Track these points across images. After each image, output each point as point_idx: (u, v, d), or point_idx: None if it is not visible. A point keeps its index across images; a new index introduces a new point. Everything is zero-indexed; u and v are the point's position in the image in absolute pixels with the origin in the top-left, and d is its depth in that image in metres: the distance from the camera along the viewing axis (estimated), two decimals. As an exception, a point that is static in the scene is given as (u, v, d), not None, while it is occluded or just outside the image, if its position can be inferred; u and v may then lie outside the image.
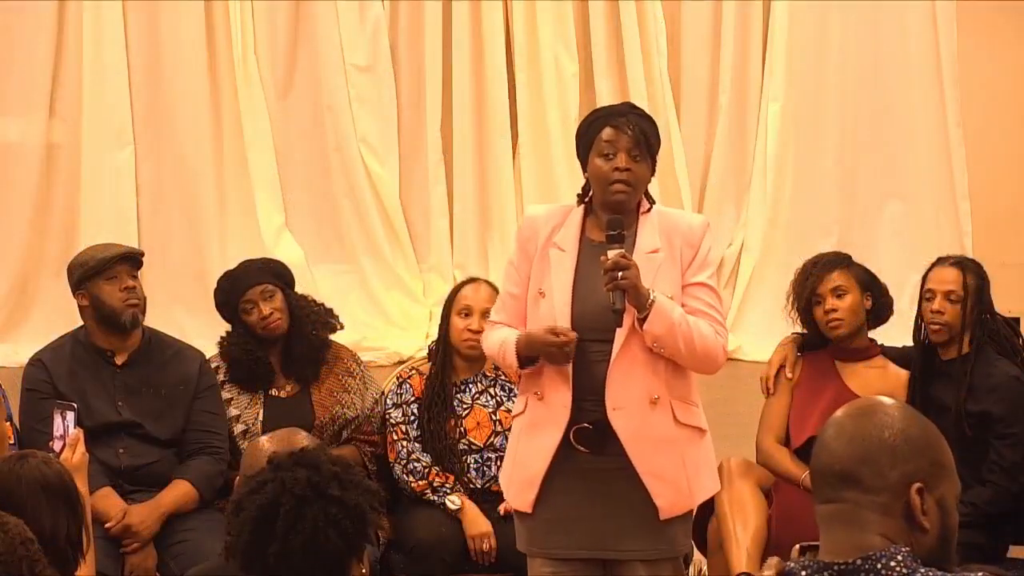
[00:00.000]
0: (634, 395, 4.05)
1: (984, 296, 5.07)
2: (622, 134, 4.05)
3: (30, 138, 8.29)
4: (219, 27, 8.36)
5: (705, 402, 4.36)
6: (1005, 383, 4.98)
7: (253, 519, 2.59)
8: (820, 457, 2.41)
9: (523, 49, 8.45)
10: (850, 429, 2.40)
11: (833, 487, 2.38)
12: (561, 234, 4.12)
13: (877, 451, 2.39)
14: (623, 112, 4.12)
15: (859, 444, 2.38)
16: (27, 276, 8.29)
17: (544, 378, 4.10)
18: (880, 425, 2.40)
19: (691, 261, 4.10)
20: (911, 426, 2.42)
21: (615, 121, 4.07)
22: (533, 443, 4.13)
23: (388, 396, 5.41)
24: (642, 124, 4.09)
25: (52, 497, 3.18)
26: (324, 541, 2.56)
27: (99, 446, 5.00)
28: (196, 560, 4.66)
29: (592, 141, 4.08)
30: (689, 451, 4.13)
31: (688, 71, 8.67)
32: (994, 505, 4.93)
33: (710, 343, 4.07)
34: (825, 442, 2.40)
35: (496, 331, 4.17)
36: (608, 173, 4.04)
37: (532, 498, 4.12)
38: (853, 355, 5.18)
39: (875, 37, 8.61)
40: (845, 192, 8.64)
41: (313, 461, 2.65)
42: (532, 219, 4.21)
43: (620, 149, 4.04)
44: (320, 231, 8.54)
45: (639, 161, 4.06)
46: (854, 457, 2.38)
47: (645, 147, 4.07)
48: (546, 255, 4.11)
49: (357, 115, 8.39)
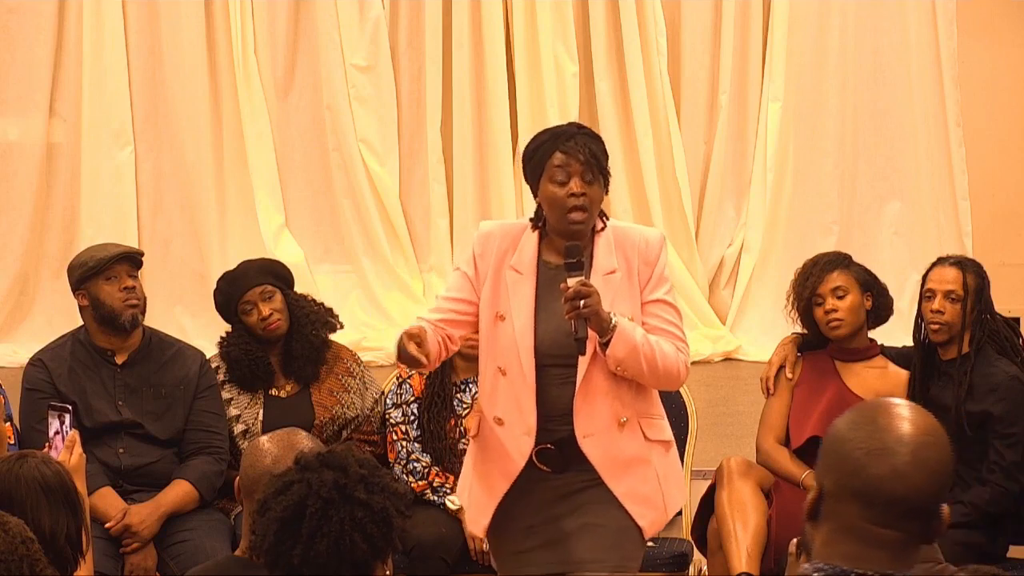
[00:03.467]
0: (602, 420, 4.02)
1: (984, 296, 5.07)
2: (573, 158, 3.98)
3: (30, 138, 8.29)
4: (219, 27, 8.36)
5: (705, 402, 4.38)
6: (1005, 383, 4.98)
7: (279, 520, 2.59)
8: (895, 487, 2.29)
9: (523, 49, 8.44)
10: (933, 462, 2.32)
11: (901, 517, 2.31)
12: (517, 257, 4.06)
13: (947, 487, 2.35)
14: (571, 134, 4.03)
15: (938, 480, 2.32)
16: (27, 276, 8.29)
17: (504, 403, 4.06)
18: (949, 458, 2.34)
19: (648, 278, 4.06)
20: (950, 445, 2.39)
21: (564, 145, 3.99)
22: (492, 469, 4.11)
23: (388, 396, 5.41)
24: (591, 145, 4.01)
25: (51, 497, 3.18)
26: (349, 544, 2.56)
27: (99, 446, 5.00)
28: (196, 560, 4.67)
29: (542, 166, 4.01)
30: (661, 467, 4.11)
31: (688, 71, 8.66)
32: (994, 505, 4.93)
33: (671, 362, 4.02)
34: (902, 471, 2.30)
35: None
36: (563, 199, 3.97)
37: (486, 523, 4.12)
38: (853, 355, 5.18)
39: (875, 37, 8.60)
40: (845, 192, 8.63)
41: (341, 463, 2.64)
42: (487, 235, 4.13)
43: (573, 174, 3.97)
44: (320, 231, 8.53)
45: (592, 184, 3.99)
46: (933, 494, 2.32)
47: (597, 168, 4.00)
48: (501, 277, 4.06)
49: (357, 115, 8.38)
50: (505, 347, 4.03)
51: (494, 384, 4.07)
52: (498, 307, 4.06)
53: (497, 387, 4.06)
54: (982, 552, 4.84)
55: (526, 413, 4.02)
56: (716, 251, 8.68)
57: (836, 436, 2.37)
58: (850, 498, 2.32)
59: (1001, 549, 5.05)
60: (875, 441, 2.32)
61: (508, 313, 4.04)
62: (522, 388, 4.02)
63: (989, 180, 8.66)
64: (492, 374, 4.07)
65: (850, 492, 2.32)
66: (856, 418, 2.37)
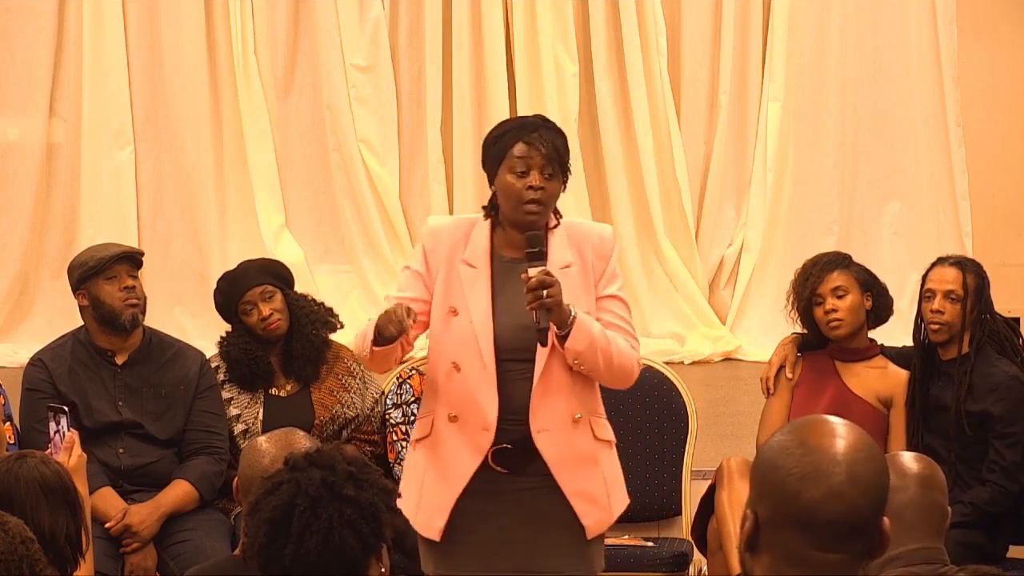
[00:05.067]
0: (558, 415, 3.98)
1: (984, 296, 5.07)
2: (535, 151, 3.94)
3: (30, 138, 8.29)
4: (219, 27, 8.36)
5: (705, 402, 4.38)
6: (1005, 383, 4.98)
7: (268, 520, 2.59)
8: (833, 509, 2.23)
9: (523, 49, 8.44)
10: (868, 478, 2.25)
11: (842, 538, 2.25)
12: (470, 250, 4.01)
13: (884, 499, 2.28)
14: (536, 126, 3.99)
15: (875, 495, 2.26)
16: (27, 276, 8.29)
17: (459, 398, 3.99)
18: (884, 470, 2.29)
19: (603, 273, 4.04)
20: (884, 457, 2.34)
21: (528, 137, 3.96)
22: (448, 467, 4.02)
23: (388, 396, 5.41)
24: (555, 140, 3.98)
25: (51, 497, 3.18)
26: (339, 541, 2.56)
27: (99, 446, 5.00)
28: (196, 560, 4.67)
29: (502, 155, 3.97)
30: (607, 467, 4.08)
31: (688, 71, 8.66)
32: (994, 505, 4.93)
33: (626, 358, 4.00)
34: (838, 492, 2.23)
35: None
36: (521, 191, 3.93)
37: (442, 525, 4.03)
38: (853, 355, 5.18)
39: (875, 37, 8.61)
40: (845, 192, 8.63)
41: (328, 461, 2.64)
42: (436, 230, 4.08)
43: (533, 167, 3.94)
44: (320, 231, 8.53)
45: (551, 179, 3.96)
46: (872, 509, 2.25)
47: (558, 164, 3.97)
48: (454, 271, 4.01)
49: (357, 115, 8.39)
50: (460, 342, 3.97)
51: (447, 380, 4.00)
52: (451, 301, 4.00)
53: (451, 383, 4.00)
54: (982, 552, 4.84)
55: (486, 408, 3.96)
56: (716, 251, 8.68)
57: (767, 463, 2.31)
58: (788, 525, 2.25)
59: (1001, 549, 5.05)
60: (806, 464, 2.26)
61: (463, 307, 3.99)
62: (480, 383, 3.96)
63: (989, 180, 8.66)
64: (445, 370, 4.01)
65: (788, 519, 2.26)
66: (785, 442, 2.31)
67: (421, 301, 4.02)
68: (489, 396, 3.96)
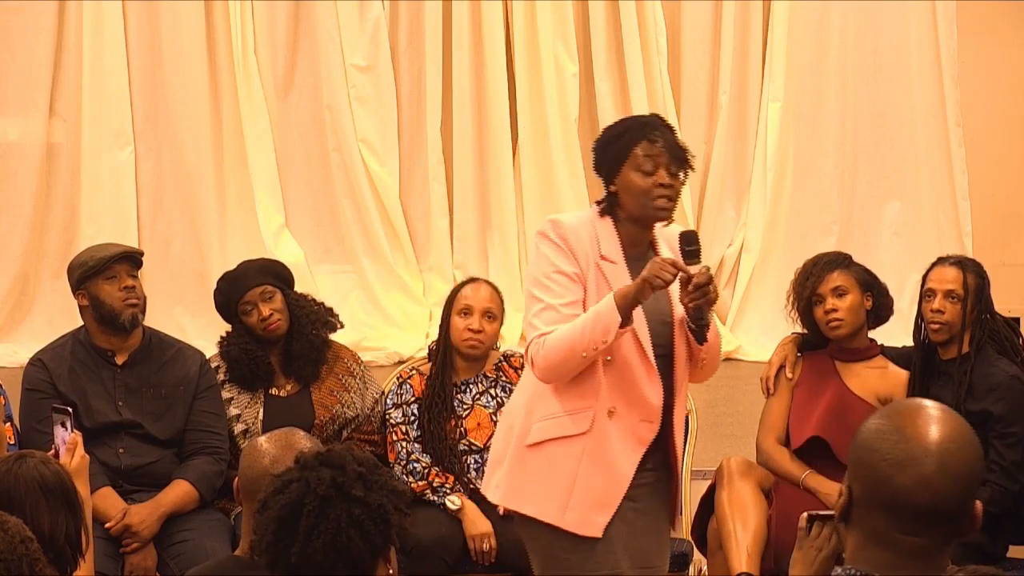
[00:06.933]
0: (681, 409, 4.10)
1: (984, 296, 5.07)
2: (660, 149, 3.97)
3: (30, 138, 8.29)
4: (219, 27, 8.36)
5: (705, 402, 4.40)
6: (1005, 383, 4.98)
7: (277, 518, 2.60)
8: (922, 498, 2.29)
9: (523, 49, 8.45)
10: (959, 469, 2.31)
11: (929, 525, 2.31)
12: (604, 246, 4.01)
13: (976, 489, 2.34)
14: (655, 125, 4.02)
15: (965, 486, 2.32)
16: (27, 276, 8.29)
17: (616, 393, 3.99)
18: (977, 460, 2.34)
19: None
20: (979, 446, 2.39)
21: (651, 135, 3.98)
22: (611, 462, 3.99)
23: (388, 396, 5.41)
24: (674, 137, 4.03)
25: (51, 497, 3.18)
26: (346, 542, 2.57)
27: (99, 446, 5.00)
28: (196, 560, 4.67)
29: (624, 155, 3.98)
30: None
31: (688, 71, 8.66)
32: (994, 505, 4.92)
33: (719, 353, 4.16)
34: (928, 482, 2.30)
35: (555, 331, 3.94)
36: (650, 189, 3.95)
37: (606, 521, 3.98)
38: (853, 355, 5.18)
39: (875, 37, 8.61)
40: (845, 192, 8.63)
41: (339, 461, 2.65)
42: (574, 227, 4.02)
43: (660, 164, 3.96)
44: (320, 231, 8.53)
45: (677, 176, 3.99)
46: (961, 498, 2.32)
47: (682, 160, 4.01)
48: (597, 268, 4.00)
49: (357, 115, 8.39)
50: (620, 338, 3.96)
51: (603, 375, 3.98)
52: (601, 297, 3.96)
53: (608, 377, 3.98)
54: (982, 552, 4.84)
55: (650, 399, 3.98)
56: (716, 251, 8.68)
57: (863, 444, 2.37)
58: (877, 507, 2.33)
59: (1001, 549, 5.05)
60: (900, 452, 2.32)
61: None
62: (641, 375, 3.97)
63: (989, 180, 8.66)
64: (595, 366, 3.97)
65: (877, 502, 2.33)
66: (882, 426, 2.36)
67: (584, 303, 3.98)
68: (653, 388, 3.99)
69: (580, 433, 3.98)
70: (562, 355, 3.90)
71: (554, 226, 4.03)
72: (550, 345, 3.91)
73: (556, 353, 3.91)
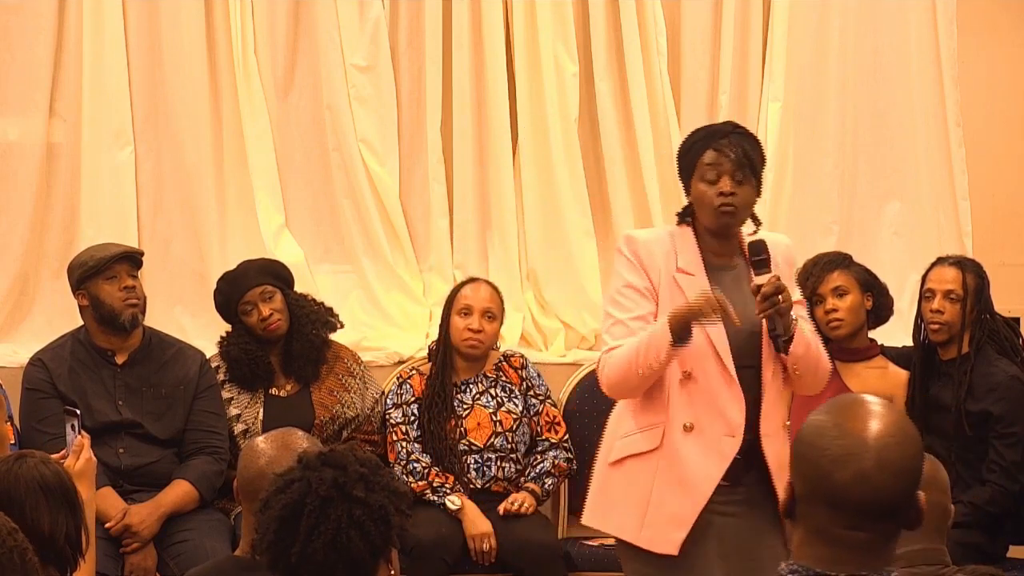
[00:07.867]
0: (777, 421, 4.03)
1: (984, 296, 5.07)
2: (724, 157, 3.96)
3: (30, 138, 8.26)
4: (219, 27, 8.34)
5: (705, 402, 4.36)
6: (1005, 383, 4.98)
7: (278, 518, 2.60)
8: (862, 492, 2.30)
9: (523, 49, 8.43)
10: (898, 462, 2.32)
11: (870, 519, 2.33)
12: (682, 259, 4.00)
13: (917, 482, 2.35)
14: (724, 133, 4.02)
15: (905, 479, 2.33)
16: (27, 276, 8.26)
17: (696, 408, 3.95)
18: (916, 453, 2.35)
19: (789, 279, 4.05)
20: (919, 440, 2.39)
21: (717, 143, 3.98)
22: (688, 477, 3.94)
23: (388, 396, 5.41)
24: (744, 144, 3.99)
25: (51, 497, 3.18)
26: (346, 542, 2.57)
27: (99, 446, 5.00)
28: (196, 560, 4.67)
29: (694, 164, 3.99)
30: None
31: (688, 71, 8.65)
32: (994, 505, 4.93)
33: (826, 361, 4.06)
34: (867, 475, 2.31)
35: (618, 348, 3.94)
36: (712, 198, 3.96)
37: (682, 538, 3.94)
38: (853, 355, 5.18)
39: (875, 37, 8.60)
40: (845, 192, 8.62)
41: (341, 461, 2.65)
42: (647, 242, 4.03)
43: (723, 173, 3.95)
44: (320, 231, 8.51)
45: (743, 184, 3.97)
46: (902, 492, 2.33)
47: (749, 169, 3.97)
48: (672, 281, 3.98)
49: (357, 115, 8.37)
50: (691, 349, 3.92)
51: (681, 390, 3.95)
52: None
53: (685, 392, 3.95)
54: (982, 552, 4.84)
55: (731, 414, 3.94)
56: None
57: (804, 440, 2.39)
58: (820, 503, 2.34)
59: (1001, 549, 5.05)
60: (838, 447, 2.33)
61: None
62: (722, 389, 3.93)
63: (989, 180, 8.65)
64: (677, 380, 3.96)
65: (819, 497, 2.35)
66: (823, 422, 2.38)
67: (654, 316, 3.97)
68: (734, 402, 3.95)
69: (651, 450, 3.98)
70: (621, 373, 3.93)
71: (628, 242, 4.05)
72: (611, 363, 3.95)
73: (615, 371, 3.94)
